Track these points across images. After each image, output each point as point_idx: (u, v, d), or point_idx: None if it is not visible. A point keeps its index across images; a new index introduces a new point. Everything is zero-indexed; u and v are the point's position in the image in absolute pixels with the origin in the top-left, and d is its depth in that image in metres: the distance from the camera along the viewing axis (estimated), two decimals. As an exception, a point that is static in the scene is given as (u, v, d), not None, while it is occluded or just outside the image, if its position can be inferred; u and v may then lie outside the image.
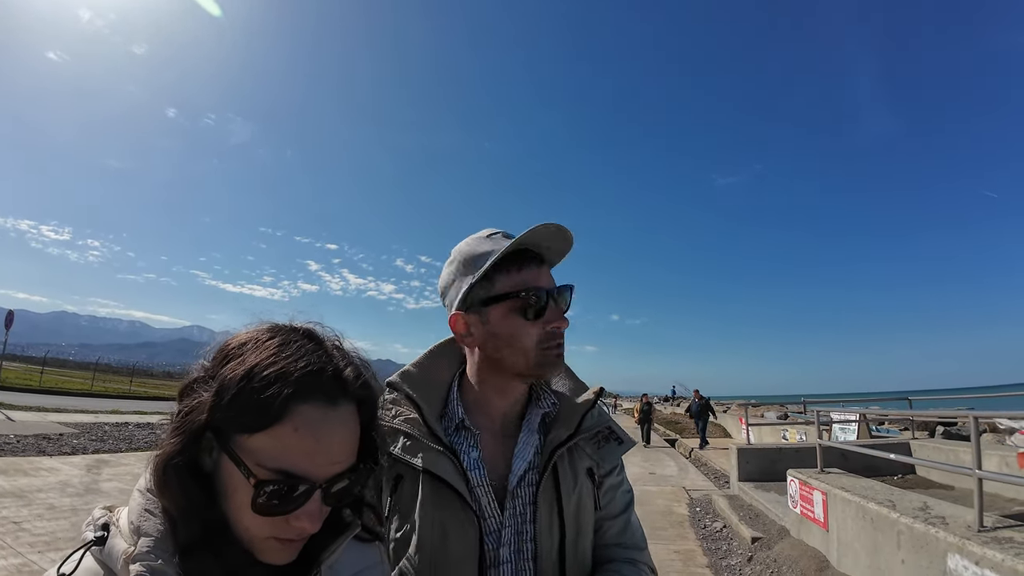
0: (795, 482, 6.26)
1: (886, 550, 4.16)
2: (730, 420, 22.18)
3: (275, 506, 0.66)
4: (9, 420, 13.99)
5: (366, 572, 0.85)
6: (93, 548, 0.68)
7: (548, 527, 1.06)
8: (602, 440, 1.17)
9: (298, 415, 0.67)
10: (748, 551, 6.13)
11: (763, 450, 9.80)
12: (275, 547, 0.70)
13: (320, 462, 0.68)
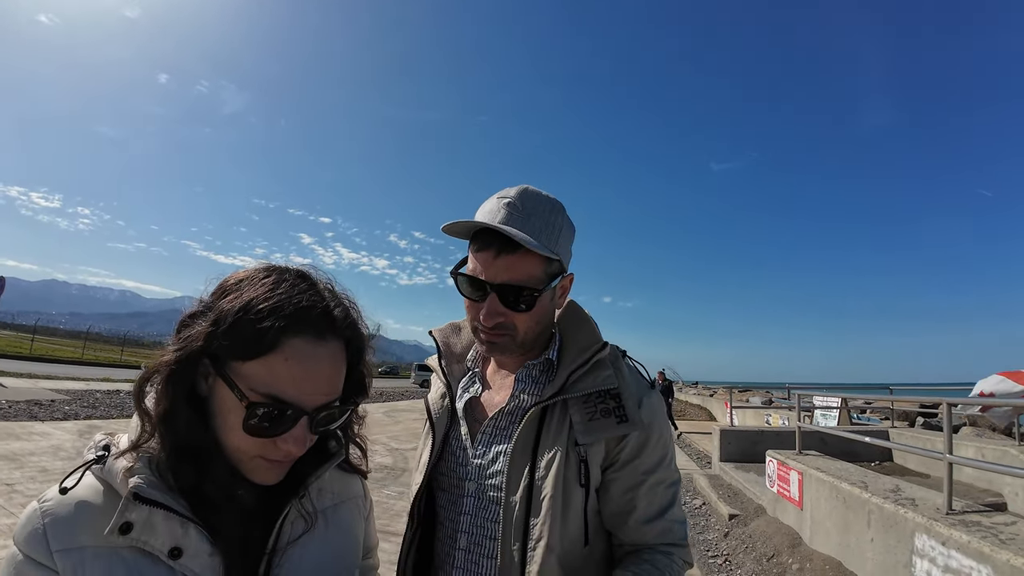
0: (773, 462, 6.43)
1: (856, 528, 4.32)
2: (715, 404, 22.53)
3: (265, 428, 0.73)
4: (1, 387, 14.00)
5: (348, 502, 0.95)
6: (94, 467, 0.74)
7: (516, 483, 1.03)
8: (599, 411, 1.05)
9: (289, 347, 0.73)
10: (725, 527, 6.31)
11: (745, 432, 10.00)
12: (263, 466, 0.77)
13: (307, 391, 0.75)
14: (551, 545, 0.99)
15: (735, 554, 5.43)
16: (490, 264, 1.02)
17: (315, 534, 0.86)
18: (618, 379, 1.08)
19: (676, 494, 1.11)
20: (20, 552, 0.69)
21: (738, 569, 5.04)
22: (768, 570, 4.84)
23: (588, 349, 1.09)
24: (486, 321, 1.03)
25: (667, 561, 1.04)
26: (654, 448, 1.07)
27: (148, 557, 0.70)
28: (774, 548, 5.17)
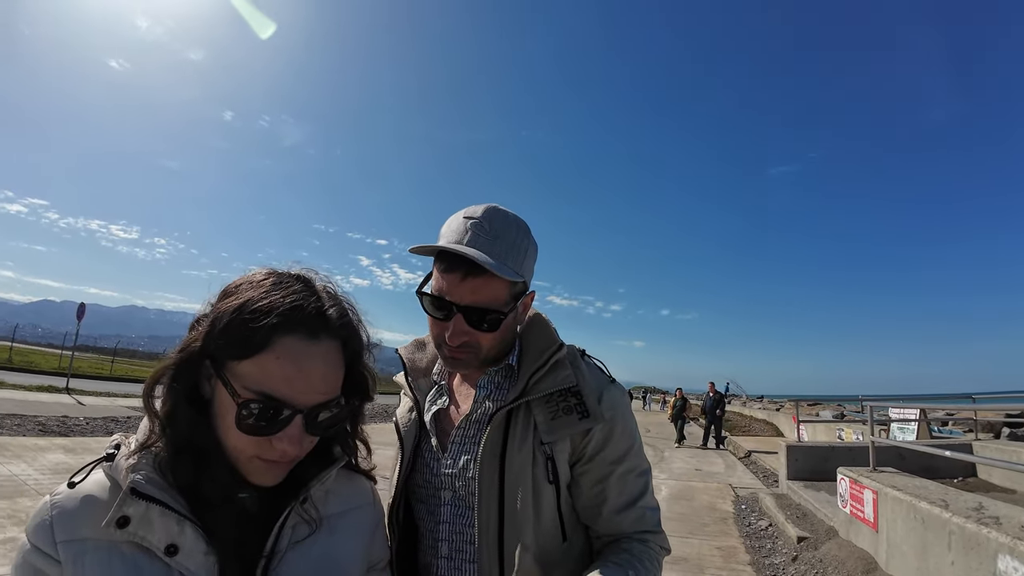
0: (845, 480, 6.01)
1: (936, 551, 3.93)
2: (783, 418, 21.48)
3: (258, 426, 0.74)
4: (80, 404, 14.95)
5: (358, 510, 0.94)
6: (104, 464, 0.79)
7: (488, 488, 1.05)
8: (561, 409, 1.08)
9: (280, 345, 0.75)
10: (793, 550, 5.92)
11: (814, 448, 9.44)
12: (260, 467, 0.78)
13: (300, 389, 0.76)
14: (527, 545, 1.03)
15: (804, 580, 5.06)
16: (456, 285, 1.04)
17: (317, 540, 0.85)
18: (577, 377, 1.11)
19: (647, 483, 1.15)
20: (28, 542, 0.73)
21: (807, 596, 4.69)
22: (839, 598, 4.48)
23: (546, 351, 1.13)
24: (451, 341, 1.06)
25: (644, 548, 1.08)
26: (619, 439, 1.11)
27: (146, 553, 0.73)
28: (847, 573, 4.79)
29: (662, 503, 6.82)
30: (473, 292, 1.03)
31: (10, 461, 7.62)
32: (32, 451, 8.46)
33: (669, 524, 7.00)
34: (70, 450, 8.87)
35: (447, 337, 1.06)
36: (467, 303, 1.04)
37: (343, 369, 0.83)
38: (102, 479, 0.77)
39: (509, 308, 1.08)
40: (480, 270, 1.01)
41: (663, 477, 11.09)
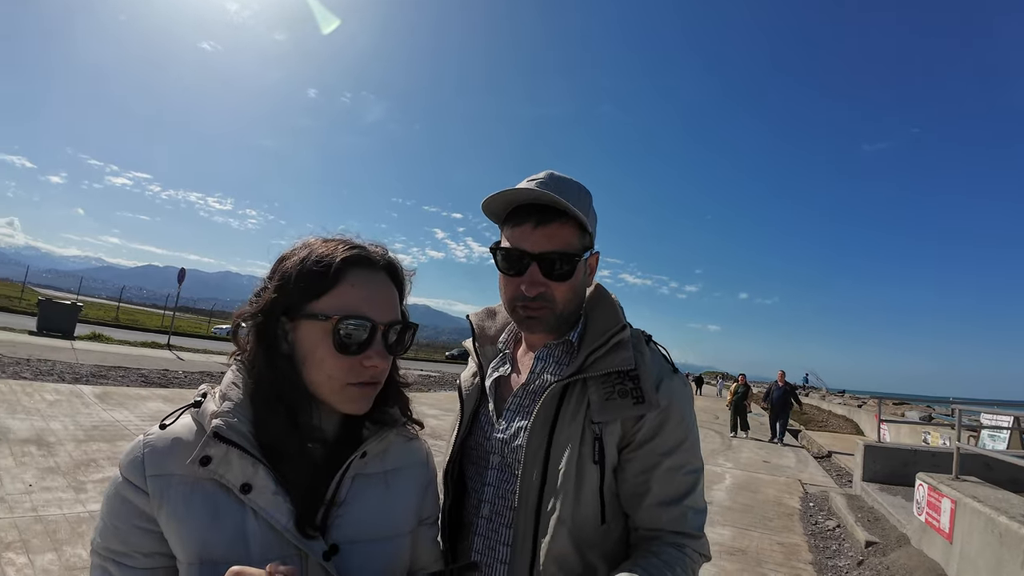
0: (924, 487, 5.70)
1: (1009, 569, 3.69)
2: (864, 416, 20.35)
3: (352, 344, 0.86)
4: (179, 360, 16.37)
5: (412, 468, 1.03)
6: (192, 409, 0.88)
7: (533, 458, 1.07)
8: (617, 392, 1.07)
9: (351, 275, 0.88)
10: (860, 555, 5.70)
11: (895, 450, 8.91)
12: (354, 394, 0.88)
13: (377, 307, 0.89)
14: (563, 518, 1.04)
15: (867, 586, 4.91)
16: (529, 235, 1.08)
17: (374, 492, 0.93)
18: (637, 360, 1.09)
19: (696, 482, 1.09)
20: (121, 475, 0.82)
21: (869, 603, 4.55)
22: (904, 608, 4.32)
23: (608, 331, 1.12)
24: (529, 291, 1.08)
25: (678, 555, 1.02)
26: (672, 431, 1.07)
27: (223, 489, 0.81)
28: (914, 584, 4.60)
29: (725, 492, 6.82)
30: (548, 239, 1.07)
31: (114, 408, 8.52)
32: (134, 400, 9.41)
33: (730, 515, 7.00)
34: (168, 400, 9.81)
35: (524, 288, 1.08)
36: (541, 250, 1.07)
37: (396, 293, 0.96)
38: (189, 423, 0.86)
39: (581, 254, 1.10)
40: (550, 217, 1.07)
41: (729, 466, 10.88)
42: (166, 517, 0.79)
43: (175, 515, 0.79)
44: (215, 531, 0.79)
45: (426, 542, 1.05)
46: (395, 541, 0.94)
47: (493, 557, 1.10)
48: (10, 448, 5.69)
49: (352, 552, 0.87)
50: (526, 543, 1.05)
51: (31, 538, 3.83)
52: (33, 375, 10.01)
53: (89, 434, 6.77)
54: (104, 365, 12.62)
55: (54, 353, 13.10)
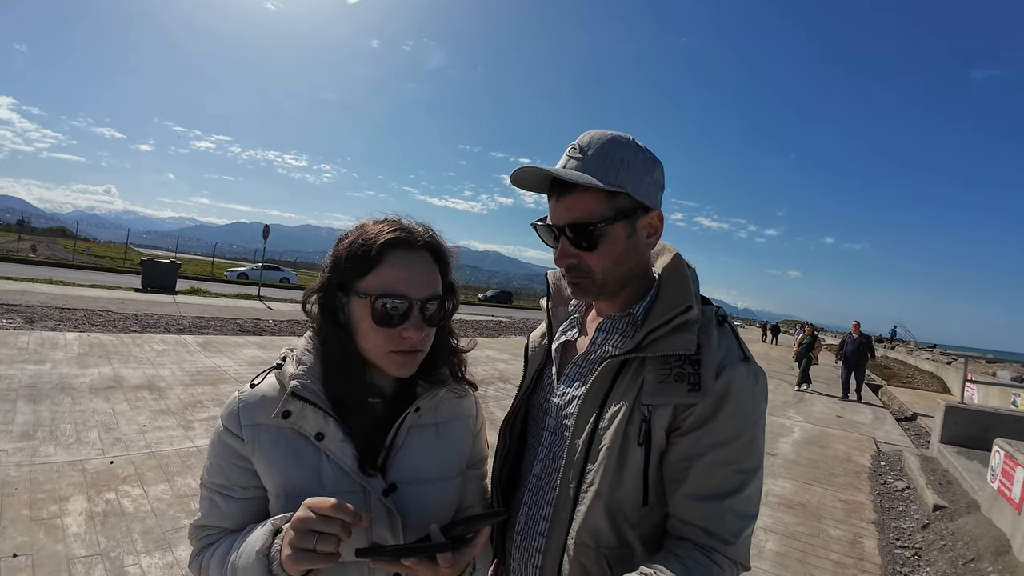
0: (1000, 453, 5.46)
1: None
2: (952, 374, 19.11)
3: (389, 318, 0.99)
4: (269, 309, 17.63)
5: (461, 419, 1.18)
6: (275, 371, 1.06)
7: (582, 429, 1.08)
8: (673, 375, 1.00)
9: (391, 256, 1.00)
10: (926, 518, 5.59)
11: (977, 412, 8.43)
12: (396, 360, 1.01)
13: (413, 284, 1.00)
14: (600, 493, 1.02)
15: (929, 550, 4.82)
16: (554, 208, 1.08)
17: (426, 441, 1.09)
18: (702, 344, 1.01)
19: (745, 483, 0.99)
20: (223, 425, 1.01)
21: (928, 567, 4.49)
22: (961, 575, 4.26)
23: (673, 309, 1.03)
24: (559, 263, 1.10)
25: (704, 560, 0.96)
26: (724, 423, 0.99)
27: (302, 437, 0.99)
28: (976, 552, 4.48)
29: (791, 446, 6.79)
30: (568, 210, 1.05)
31: (215, 355, 9.40)
32: (232, 347, 10.30)
33: (794, 468, 7.02)
34: (262, 346, 10.70)
35: (555, 261, 1.12)
36: (564, 222, 1.06)
37: (438, 273, 1.07)
38: (273, 382, 1.04)
39: (606, 220, 1.03)
40: (568, 188, 1.04)
41: (799, 419, 10.68)
42: (258, 458, 0.99)
43: (265, 456, 0.98)
44: (296, 470, 0.97)
45: (473, 483, 1.20)
46: (445, 483, 1.10)
47: (538, 514, 1.14)
48: (124, 394, 6.46)
49: (407, 491, 1.03)
50: (565, 508, 1.07)
51: (146, 471, 4.41)
52: (142, 328, 11.12)
53: (194, 379, 7.58)
54: (204, 316, 13.87)
55: (159, 307, 14.46)
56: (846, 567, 4.36)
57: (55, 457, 4.47)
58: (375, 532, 0.99)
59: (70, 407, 5.74)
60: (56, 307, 11.99)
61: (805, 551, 4.56)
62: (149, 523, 3.63)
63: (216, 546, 1.00)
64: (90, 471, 4.30)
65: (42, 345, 8.40)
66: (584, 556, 1.04)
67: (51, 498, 3.80)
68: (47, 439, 4.82)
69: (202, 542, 1.03)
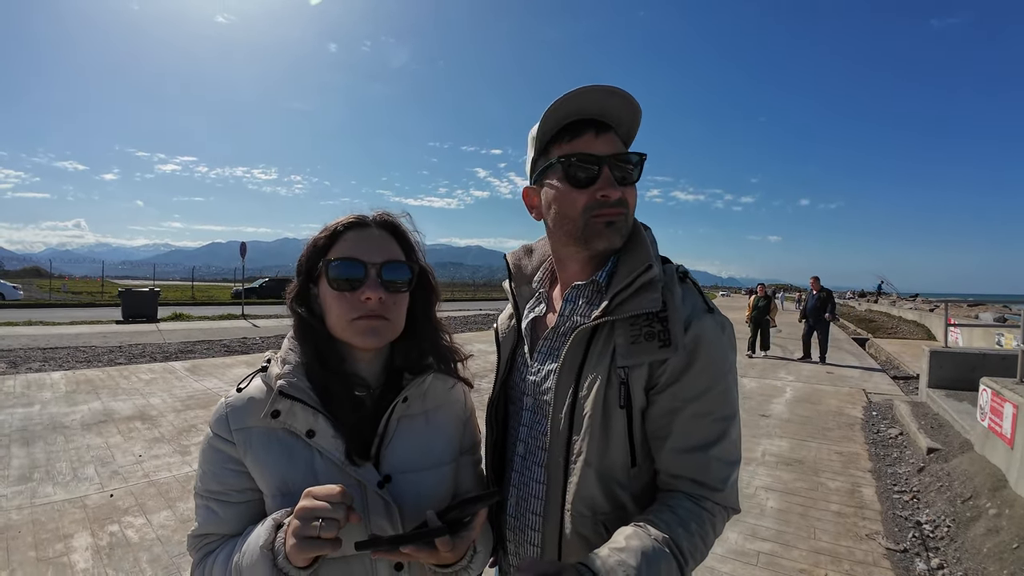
0: (987, 392, 5.60)
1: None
2: (936, 320, 19.49)
3: (344, 281, 1.02)
4: (255, 327, 17.47)
5: (450, 405, 1.19)
6: (260, 373, 1.08)
7: (562, 400, 1.08)
8: (644, 335, 1.02)
9: (347, 234, 1.06)
10: (921, 462, 5.72)
11: (962, 355, 8.64)
12: (360, 326, 1.03)
13: (367, 251, 1.04)
14: (589, 461, 1.04)
15: (926, 492, 4.95)
16: (593, 142, 1.06)
17: (417, 428, 1.11)
18: (667, 301, 1.04)
19: (725, 431, 1.02)
20: (212, 431, 1.03)
21: (927, 508, 4.61)
22: (960, 513, 4.36)
23: (635, 271, 1.05)
24: (613, 193, 1.05)
25: (695, 508, 0.99)
26: (698, 375, 1.01)
27: (293, 436, 1.00)
28: (973, 489, 4.60)
29: (784, 406, 6.92)
30: (611, 144, 1.07)
31: (204, 378, 9.32)
32: (220, 368, 10.24)
33: (789, 427, 7.14)
34: (251, 364, 10.48)
35: (603, 193, 1.05)
36: (612, 152, 1.06)
37: (397, 244, 1.10)
38: (260, 384, 1.05)
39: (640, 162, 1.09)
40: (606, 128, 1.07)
41: (790, 379, 10.82)
42: (251, 460, 0.99)
43: (258, 459, 0.99)
44: (291, 469, 0.98)
45: (467, 469, 1.21)
46: (439, 470, 1.11)
47: (528, 493, 1.14)
48: (116, 427, 6.39)
49: (402, 481, 1.04)
50: (556, 483, 1.08)
51: (146, 500, 4.38)
52: (127, 359, 10.97)
53: (186, 404, 7.52)
54: (189, 341, 13.72)
55: (142, 337, 14.28)
56: (847, 516, 4.46)
57: (54, 496, 4.42)
58: (374, 523, 1.00)
59: (64, 445, 5.67)
60: (39, 348, 11.78)
61: (806, 505, 4.66)
62: (156, 551, 3.62)
63: (217, 553, 1.01)
64: (91, 506, 4.27)
65: (28, 387, 8.26)
66: (582, 526, 1.06)
67: (55, 537, 3.76)
68: (44, 479, 4.76)
69: (202, 551, 1.03)
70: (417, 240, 1.16)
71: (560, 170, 1.08)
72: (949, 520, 4.32)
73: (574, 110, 1.06)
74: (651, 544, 0.91)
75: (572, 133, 1.07)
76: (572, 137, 1.07)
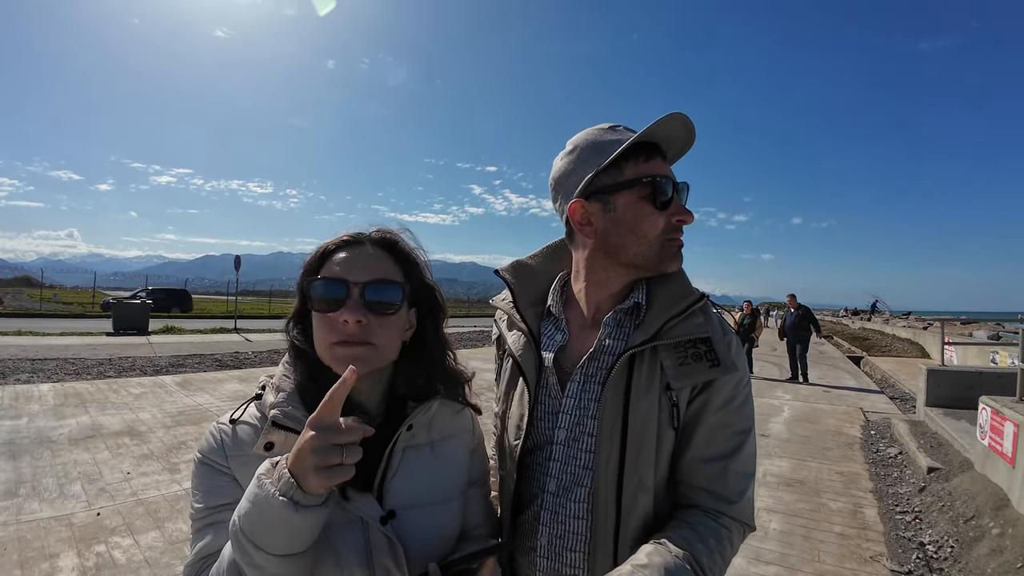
0: (986, 410, 5.58)
1: (1075, 493, 3.65)
2: (930, 338, 19.56)
3: (324, 302, 0.95)
4: (247, 341, 17.29)
5: (458, 436, 1.11)
6: (255, 401, 1.01)
7: (610, 429, 1.04)
8: (691, 356, 1.05)
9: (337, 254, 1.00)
10: (922, 481, 5.68)
11: (959, 373, 8.64)
12: (338, 353, 0.94)
13: (351, 269, 0.97)
14: (647, 487, 1.03)
15: (928, 512, 4.90)
16: (663, 166, 1.09)
17: (423, 461, 1.03)
18: (709, 326, 1.07)
19: (743, 444, 1.06)
20: (206, 458, 0.95)
21: (929, 529, 4.56)
22: (963, 533, 4.30)
23: (685, 299, 1.08)
24: (689, 217, 1.09)
25: (713, 525, 1.00)
26: (721, 389, 1.05)
27: None
28: (975, 509, 4.56)
29: (783, 424, 6.88)
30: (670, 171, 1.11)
31: (195, 393, 9.16)
32: (212, 383, 10.07)
33: (788, 446, 7.06)
34: (243, 380, 10.48)
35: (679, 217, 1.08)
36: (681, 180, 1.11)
37: (393, 262, 1.03)
38: (255, 411, 0.99)
39: None
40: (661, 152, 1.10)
41: (787, 398, 10.80)
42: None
43: None
44: None
45: (476, 502, 1.13)
46: (447, 505, 1.03)
47: (567, 531, 1.08)
48: (105, 442, 6.26)
49: (407, 517, 0.96)
50: (608, 514, 1.03)
51: (134, 520, 4.27)
52: (117, 373, 10.81)
53: (176, 419, 7.37)
54: (180, 355, 13.54)
55: (133, 350, 14.08)
56: (850, 538, 4.40)
57: (41, 513, 4.31)
58: (378, 563, 0.92)
59: (51, 460, 5.55)
60: (27, 359, 11.61)
61: (808, 527, 4.59)
62: (143, 573, 3.51)
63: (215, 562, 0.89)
64: (77, 525, 4.15)
65: (16, 399, 8.11)
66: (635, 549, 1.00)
67: (41, 556, 3.65)
68: (31, 495, 4.65)
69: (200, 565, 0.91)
70: (420, 257, 1.09)
71: (646, 189, 1.07)
72: (952, 540, 4.27)
73: (650, 133, 1.05)
74: (672, 560, 0.91)
75: (646, 154, 1.07)
76: (648, 158, 1.07)
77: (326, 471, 0.78)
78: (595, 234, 1.12)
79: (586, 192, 1.10)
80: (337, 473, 0.78)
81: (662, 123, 1.02)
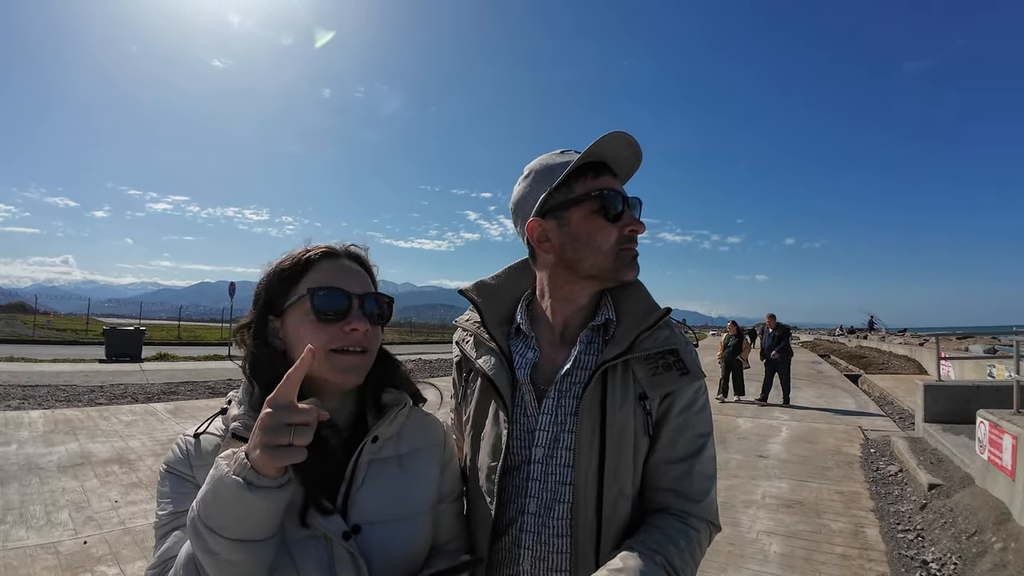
0: (985, 424, 5.54)
1: (1076, 506, 3.61)
2: (926, 354, 19.55)
3: (329, 311, 0.96)
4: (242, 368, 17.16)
5: (427, 448, 1.10)
6: (221, 415, 1.01)
7: (588, 442, 1.07)
8: (661, 366, 1.11)
9: (320, 263, 1.01)
10: (923, 498, 5.62)
11: (956, 388, 8.61)
12: (339, 361, 0.95)
13: (348, 280, 1.00)
14: (626, 495, 1.08)
15: (930, 529, 4.83)
16: (613, 182, 1.14)
17: (389, 475, 1.00)
18: (675, 338, 1.14)
19: (704, 447, 1.12)
20: (171, 468, 0.94)
21: (932, 546, 4.49)
22: (966, 549, 4.24)
23: (653, 313, 1.15)
24: (641, 228, 1.14)
25: (681, 527, 1.04)
26: (682, 394, 1.12)
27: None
28: (977, 524, 4.50)
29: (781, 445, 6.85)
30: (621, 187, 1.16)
31: (186, 421, 9.07)
32: (204, 411, 9.85)
33: (788, 467, 7.00)
34: (236, 407, 10.33)
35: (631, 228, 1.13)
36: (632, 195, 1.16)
37: (369, 280, 1.06)
38: (220, 425, 0.98)
39: None
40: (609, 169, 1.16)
41: (785, 418, 10.69)
42: None
43: None
44: None
45: (447, 518, 1.10)
46: (414, 520, 1.01)
47: (549, 550, 1.08)
48: (94, 470, 6.16)
49: (372, 532, 0.94)
50: (588, 526, 1.06)
51: (121, 549, 4.18)
52: (108, 400, 10.69)
53: (165, 447, 7.22)
54: (173, 382, 13.40)
55: (125, 377, 13.94)
56: (852, 559, 4.32)
57: (27, 541, 4.22)
58: None
59: (39, 487, 5.45)
60: (18, 385, 11.47)
61: (810, 548, 4.52)
62: (130, 602, 3.41)
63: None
64: (64, 553, 4.06)
65: (6, 425, 7.99)
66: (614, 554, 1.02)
67: (22, 587, 3.55)
68: (18, 522, 4.55)
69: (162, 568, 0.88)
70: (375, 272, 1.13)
71: (596, 203, 1.12)
72: (955, 557, 4.20)
73: (594, 152, 1.11)
74: (646, 563, 0.95)
75: (595, 171, 1.13)
76: (596, 175, 1.13)
77: (273, 450, 0.76)
78: (554, 250, 1.16)
79: (542, 211, 1.15)
80: (286, 453, 0.77)
81: (605, 140, 1.08)
